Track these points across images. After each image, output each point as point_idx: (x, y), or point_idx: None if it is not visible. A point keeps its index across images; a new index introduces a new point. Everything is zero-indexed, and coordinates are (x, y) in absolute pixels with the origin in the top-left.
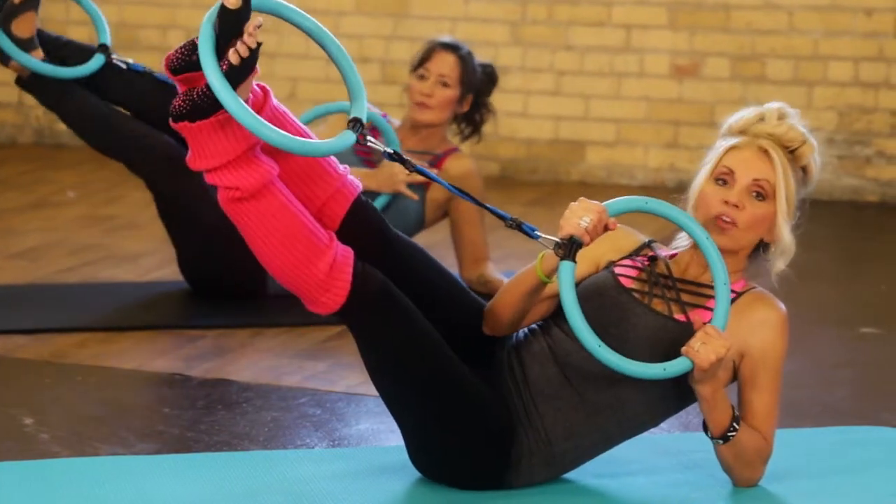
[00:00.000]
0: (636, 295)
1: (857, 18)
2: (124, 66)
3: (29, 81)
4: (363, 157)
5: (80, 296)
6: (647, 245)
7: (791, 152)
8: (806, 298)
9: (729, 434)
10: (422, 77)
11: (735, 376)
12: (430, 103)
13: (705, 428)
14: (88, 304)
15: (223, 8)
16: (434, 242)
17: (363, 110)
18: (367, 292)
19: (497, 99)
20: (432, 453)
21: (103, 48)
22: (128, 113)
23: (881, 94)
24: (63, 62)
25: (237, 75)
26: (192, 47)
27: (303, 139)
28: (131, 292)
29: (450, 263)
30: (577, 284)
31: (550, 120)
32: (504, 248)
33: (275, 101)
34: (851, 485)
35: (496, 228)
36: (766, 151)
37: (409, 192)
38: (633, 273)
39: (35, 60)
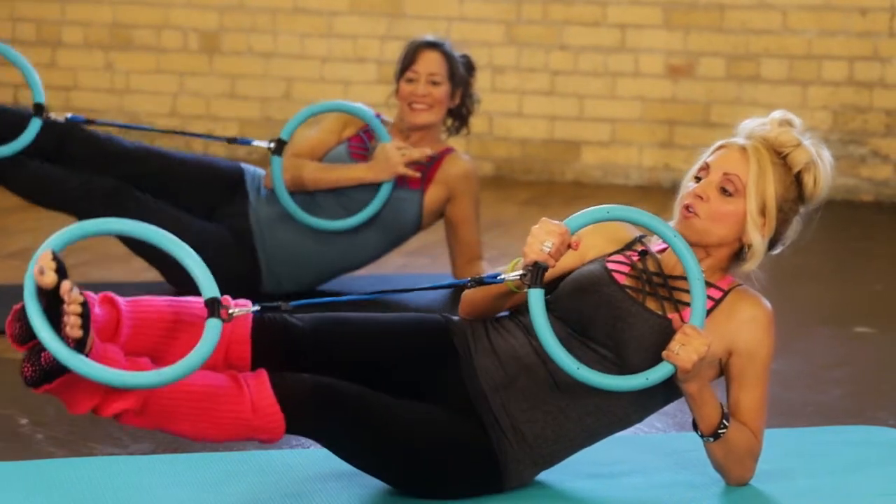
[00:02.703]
0: (630, 292)
1: (851, 18)
2: (62, 121)
3: None
4: (354, 152)
5: None
6: (639, 240)
7: (784, 158)
8: (800, 298)
9: (719, 431)
10: (411, 80)
11: (721, 372)
12: (427, 103)
13: (695, 426)
14: None
15: (39, 288)
16: (429, 243)
17: (214, 287)
18: (299, 408)
19: (492, 99)
20: (426, 492)
21: (38, 108)
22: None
23: (875, 93)
24: (1, 139)
25: (83, 344)
26: (28, 321)
27: (162, 372)
28: (123, 293)
29: (444, 263)
30: (565, 275)
31: (545, 119)
32: (498, 248)
33: (125, 307)
34: (845, 484)
35: (490, 228)
36: (744, 149)
37: (409, 172)
38: (624, 269)
39: None
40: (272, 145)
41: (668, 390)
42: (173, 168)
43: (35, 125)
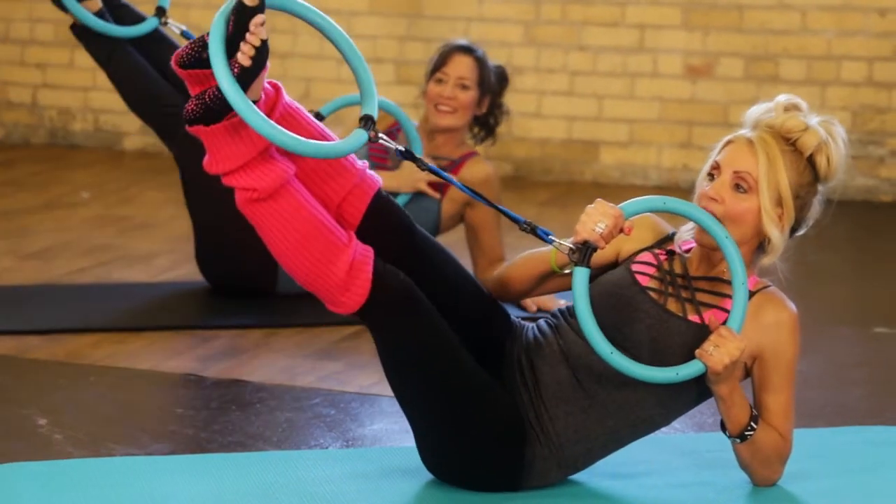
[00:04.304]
0: (652, 294)
1: (870, 18)
2: (178, 32)
3: (82, 32)
4: (377, 158)
5: (93, 296)
6: (670, 237)
7: (793, 144)
8: (820, 298)
9: (747, 433)
10: (440, 81)
11: (748, 374)
12: (453, 106)
13: (723, 427)
14: (102, 305)
15: (240, 5)
16: (449, 244)
17: (374, 108)
18: (387, 293)
19: (511, 99)
20: (445, 455)
21: (160, 11)
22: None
23: (895, 93)
24: (119, 21)
25: (247, 77)
26: (202, 44)
27: (313, 142)
28: (145, 293)
29: (465, 264)
30: (599, 271)
31: (564, 120)
32: (520, 250)
33: (287, 98)
34: (866, 485)
35: (512, 230)
36: (751, 143)
37: (430, 191)
38: (650, 270)
39: (87, 14)
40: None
41: (694, 394)
42: None
43: (151, 22)
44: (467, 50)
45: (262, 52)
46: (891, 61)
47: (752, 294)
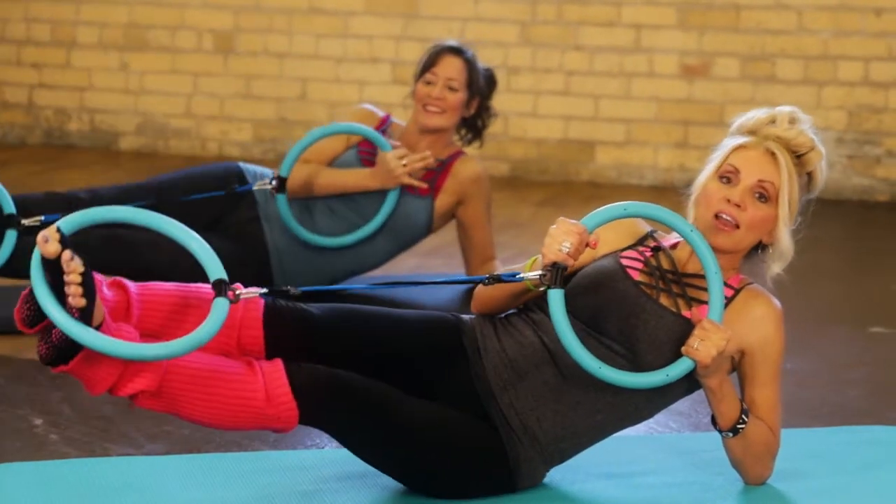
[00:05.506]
0: (644, 288)
1: (866, 18)
2: (38, 224)
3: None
4: (364, 158)
5: None
6: (650, 235)
7: (798, 157)
8: (816, 298)
9: (738, 426)
10: (429, 82)
11: (734, 369)
12: (441, 107)
13: (714, 421)
14: None
15: (42, 260)
16: (442, 244)
17: (220, 270)
18: (313, 398)
19: (507, 99)
20: (437, 491)
21: (11, 220)
22: None
23: (891, 93)
24: None
25: (87, 312)
26: (33, 300)
27: (175, 343)
28: None
29: (458, 264)
30: (579, 270)
31: (560, 120)
32: (514, 248)
33: (135, 291)
34: (863, 484)
35: (506, 229)
36: (773, 154)
37: (414, 182)
38: (638, 265)
39: None
40: (273, 183)
41: (683, 386)
42: (167, 194)
43: (11, 237)
44: (457, 51)
45: (87, 284)
46: (887, 61)
47: (737, 291)
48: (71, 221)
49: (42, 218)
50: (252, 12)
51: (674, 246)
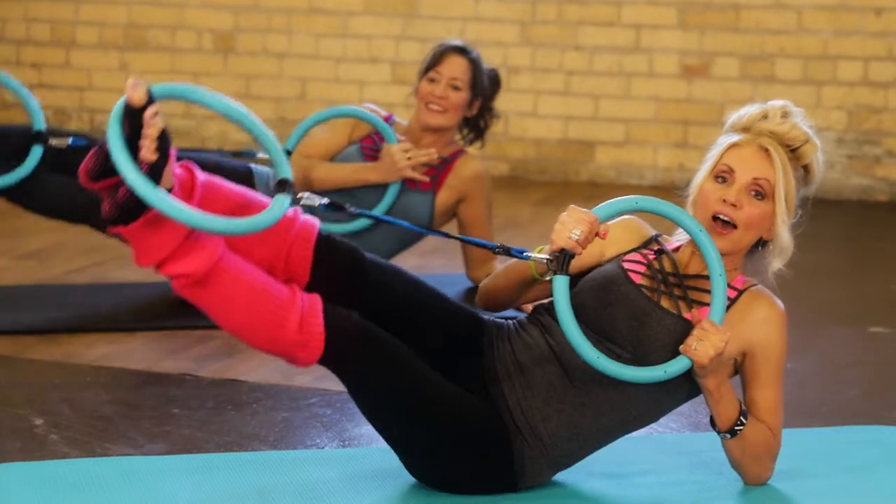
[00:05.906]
0: (646, 291)
1: (866, 18)
2: (65, 146)
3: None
4: (367, 154)
5: (89, 296)
6: (655, 239)
7: (793, 151)
8: (815, 298)
9: (736, 428)
10: (432, 80)
11: (736, 371)
12: (444, 106)
13: (713, 422)
14: (98, 305)
15: (127, 107)
16: (443, 243)
17: (288, 170)
18: (342, 340)
19: (507, 99)
20: (433, 475)
21: (40, 136)
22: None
23: (891, 93)
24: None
25: (156, 170)
26: (104, 154)
27: (236, 221)
28: (140, 292)
29: (457, 263)
30: (584, 272)
31: (560, 120)
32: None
33: (202, 177)
34: (862, 484)
35: (505, 228)
36: (766, 150)
37: (415, 175)
38: (640, 269)
39: None
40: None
41: (686, 389)
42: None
43: (37, 153)
44: (462, 51)
45: (163, 142)
46: (886, 61)
47: (740, 292)
48: (159, 87)
49: (70, 140)
50: (251, 12)
51: (676, 249)
